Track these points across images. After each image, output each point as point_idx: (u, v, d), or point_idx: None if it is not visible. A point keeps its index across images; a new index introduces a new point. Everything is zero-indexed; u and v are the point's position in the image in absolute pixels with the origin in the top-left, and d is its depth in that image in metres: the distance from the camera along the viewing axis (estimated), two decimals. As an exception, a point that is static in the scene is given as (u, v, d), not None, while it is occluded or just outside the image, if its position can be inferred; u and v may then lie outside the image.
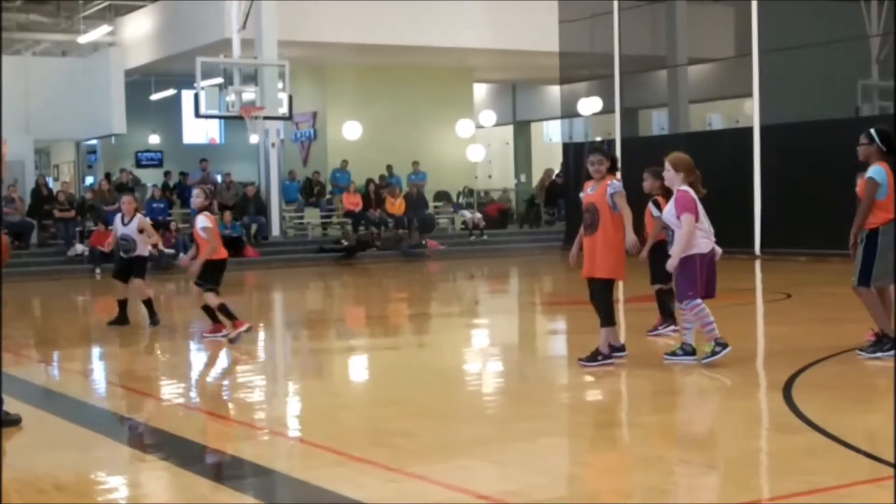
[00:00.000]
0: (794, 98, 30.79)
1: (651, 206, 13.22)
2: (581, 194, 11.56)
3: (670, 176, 11.03)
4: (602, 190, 11.17)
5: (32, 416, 9.40)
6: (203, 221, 14.29)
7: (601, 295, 11.31)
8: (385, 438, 8.32)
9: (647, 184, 13.38)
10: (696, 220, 10.76)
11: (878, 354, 11.12)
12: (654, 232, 12.97)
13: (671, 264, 10.80)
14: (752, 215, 26.35)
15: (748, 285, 21.08)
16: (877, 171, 10.98)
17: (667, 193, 12.79)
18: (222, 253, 14.56)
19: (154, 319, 15.91)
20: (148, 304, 15.98)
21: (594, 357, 11.23)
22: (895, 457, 7.08)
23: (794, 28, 30.52)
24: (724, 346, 10.74)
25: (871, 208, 10.95)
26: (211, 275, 14.39)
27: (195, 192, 14.94)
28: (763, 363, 11.89)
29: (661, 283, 13.18)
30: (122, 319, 15.86)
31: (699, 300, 10.76)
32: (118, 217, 16.14)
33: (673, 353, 11.16)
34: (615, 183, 11.20)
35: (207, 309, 14.51)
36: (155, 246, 16.81)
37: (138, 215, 16.02)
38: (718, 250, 10.94)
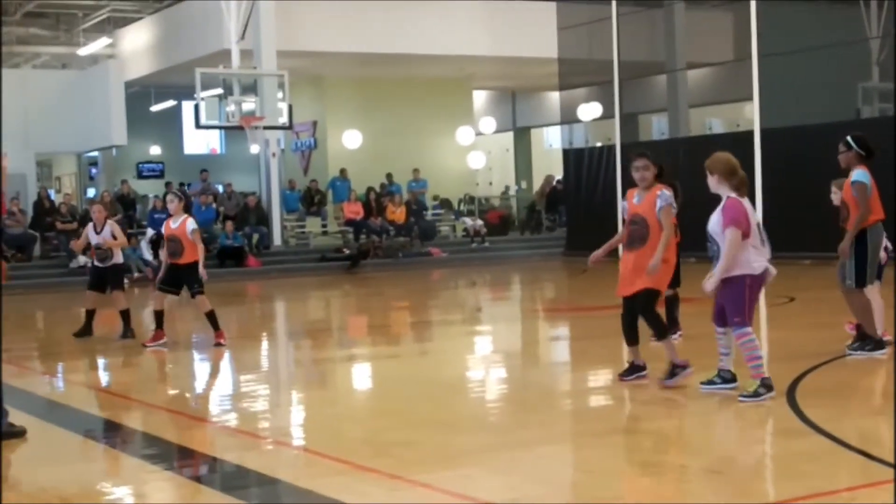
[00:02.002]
0: (794, 101, 30.78)
1: None
2: (624, 203, 10.89)
3: (710, 180, 9.63)
4: (651, 201, 10.33)
5: (36, 428, 9.41)
6: (193, 223, 14.43)
7: (648, 307, 10.42)
8: (388, 447, 8.33)
9: None
10: (748, 235, 9.35)
11: (860, 353, 11.52)
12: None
13: (709, 284, 9.41)
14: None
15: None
16: (861, 174, 11.35)
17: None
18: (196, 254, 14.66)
19: (128, 332, 15.61)
20: (125, 315, 15.72)
21: (672, 373, 10.37)
22: (895, 456, 7.08)
23: (793, 31, 30.54)
24: (770, 388, 9.41)
25: (869, 210, 11.16)
26: (197, 277, 14.53)
27: (169, 197, 15.03)
28: (767, 367, 11.86)
29: (669, 287, 13.07)
30: (87, 330, 15.72)
31: (748, 328, 9.40)
32: (90, 226, 16.01)
33: (710, 382, 9.91)
34: (665, 194, 10.34)
35: (211, 315, 14.62)
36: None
37: (109, 222, 15.88)
38: (773, 271, 9.57)
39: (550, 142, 48.26)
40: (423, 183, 35.74)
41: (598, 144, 36.95)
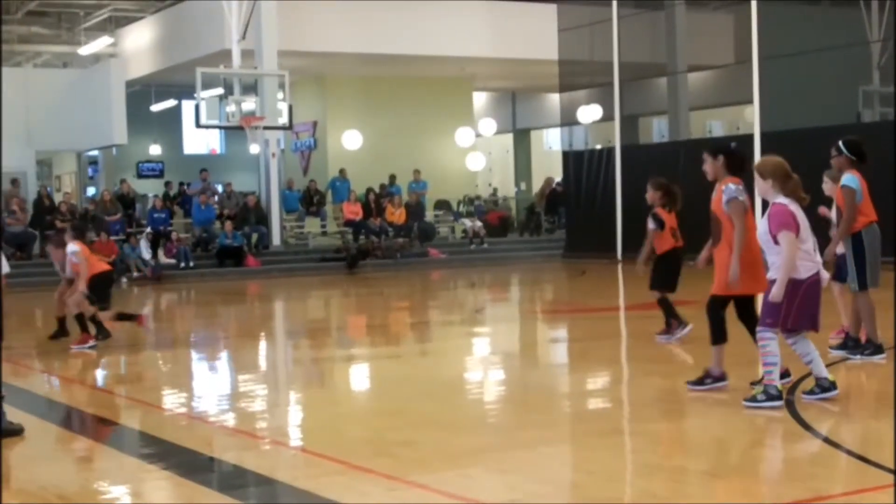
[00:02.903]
0: (794, 104, 30.80)
1: (649, 219, 13.39)
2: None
3: (759, 185, 9.18)
4: (719, 196, 9.90)
5: (35, 427, 9.40)
6: (71, 247, 14.66)
7: (710, 308, 10.03)
8: (387, 447, 8.32)
9: (649, 195, 13.49)
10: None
11: (860, 357, 11.63)
12: (648, 243, 13.34)
13: (775, 296, 9.00)
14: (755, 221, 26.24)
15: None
16: (850, 178, 11.44)
17: (670, 204, 13.17)
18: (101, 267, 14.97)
19: (61, 334, 15.32)
20: (79, 319, 14.98)
21: (702, 380, 10.11)
22: (895, 459, 7.06)
23: (794, 34, 30.55)
24: (777, 398, 9.14)
25: (856, 215, 11.32)
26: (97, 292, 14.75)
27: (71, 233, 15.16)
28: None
29: (659, 289, 13.36)
30: (62, 332, 15.55)
31: (772, 334, 9.14)
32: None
33: (811, 392, 9.43)
34: (730, 187, 9.83)
35: (80, 318, 14.78)
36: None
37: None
38: (825, 275, 9.24)
39: (550, 144, 48.28)
40: (423, 184, 35.71)
41: (598, 147, 36.95)
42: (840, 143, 11.71)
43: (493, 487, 7.14)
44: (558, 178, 37.76)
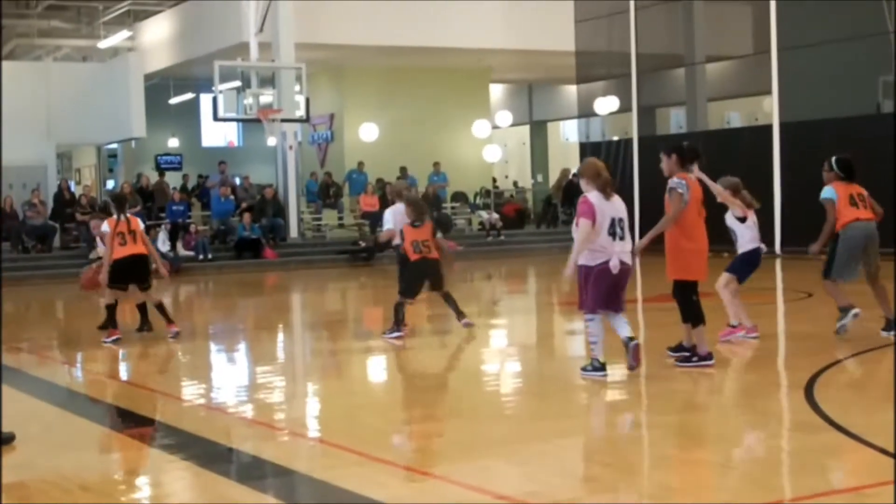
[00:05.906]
0: (813, 95, 30.68)
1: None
2: None
3: (581, 183, 10.31)
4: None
5: (57, 417, 9.46)
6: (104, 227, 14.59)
7: (677, 295, 11.05)
8: (405, 439, 8.34)
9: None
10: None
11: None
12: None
13: (566, 271, 10.32)
14: (773, 213, 26.22)
15: (769, 284, 21.02)
16: (828, 191, 12.64)
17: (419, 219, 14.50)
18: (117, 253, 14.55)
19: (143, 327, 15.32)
20: (160, 308, 15.09)
21: (689, 358, 10.93)
22: (895, 452, 7.05)
23: (813, 24, 30.41)
24: (600, 369, 10.33)
25: (835, 220, 12.61)
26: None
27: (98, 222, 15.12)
28: (784, 362, 11.88)
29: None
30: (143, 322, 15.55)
31: (592, 315, 10.30)
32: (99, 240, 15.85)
33: (584, 368, 10.62)
34: (673, 180, 10.82)
35: (161, 307, 14.84)
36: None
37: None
38: (614, 264, 10.11)
39: (567, 135, 48.21)
40: (443, 176, 35.69)
41: (616, 138, 36.90)
42: (832, 159, 12.67)
43: (511, 479, 7.17)
44: (574, 169, 37.68)
